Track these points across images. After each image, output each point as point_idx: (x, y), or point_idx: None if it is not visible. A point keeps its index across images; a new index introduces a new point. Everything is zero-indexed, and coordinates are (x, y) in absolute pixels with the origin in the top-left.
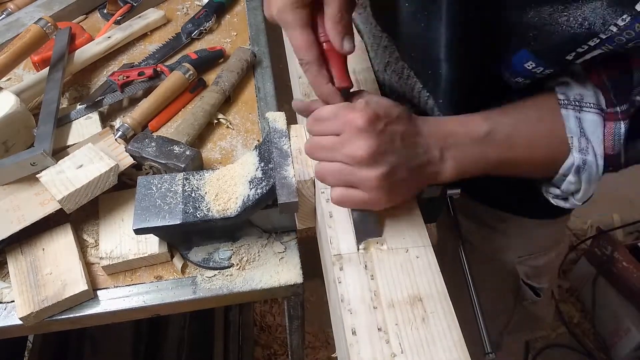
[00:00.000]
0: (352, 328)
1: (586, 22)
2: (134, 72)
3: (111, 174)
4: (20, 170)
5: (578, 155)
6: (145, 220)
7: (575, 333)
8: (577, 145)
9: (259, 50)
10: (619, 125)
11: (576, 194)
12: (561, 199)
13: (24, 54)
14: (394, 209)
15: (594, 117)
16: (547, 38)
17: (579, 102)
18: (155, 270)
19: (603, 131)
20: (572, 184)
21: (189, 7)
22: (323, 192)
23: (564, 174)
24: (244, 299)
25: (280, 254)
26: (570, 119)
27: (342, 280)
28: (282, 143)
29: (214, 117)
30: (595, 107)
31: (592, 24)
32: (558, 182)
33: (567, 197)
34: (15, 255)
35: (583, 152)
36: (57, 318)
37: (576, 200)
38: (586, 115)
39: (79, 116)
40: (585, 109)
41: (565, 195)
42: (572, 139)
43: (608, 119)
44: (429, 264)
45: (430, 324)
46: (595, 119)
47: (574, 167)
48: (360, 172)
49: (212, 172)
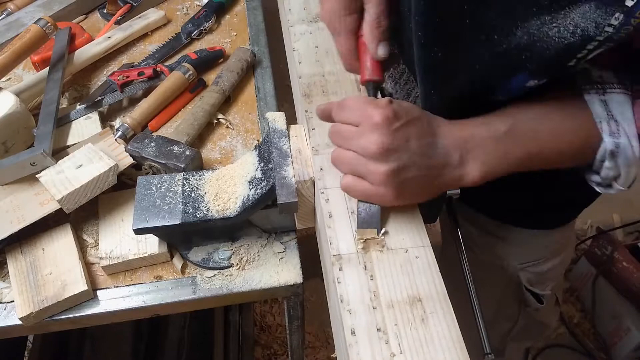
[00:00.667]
0: (352, 328)
1: (578, 29)
2: (134, 72)
3: (111, 174)
4: (20, 171)
5: (609, 139)
6: (145, 220)
7: (575, 333)
8: (607, 129)
9: (259, 50)
10: None
11: (618, 179)
12: (604, 185)
13: (23, 54)
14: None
15: (620, 97)
16: (542, 55)
17: (601, 84)
18: (155, 270)
19: (632, 110)
20: (610, 169)
21: (189, 7)
22: (322, 192)
23: (601, 160)
24: (244, 299)
25: (280, 254)
26: (595, 102)
27: (341, 280)
28: (282, 143)
29: (214, 117)
30: (619, 86)
31: (585, 30)
32: (597, 168)
33: (610, 183)
34: (15, 255)
35: (614, 136)
36: (57, 318)
37: (620, 185)
38: (611, 97)
39: (79, 116)
40: (609, 90)
41: (607, 181)
42: (601, 123)
43: (636, 97)
44: (429, 265)
45: (430, 324)
46: (621, 99)
47: (607, 152)
48: (370, 165)
49: (211, 172)
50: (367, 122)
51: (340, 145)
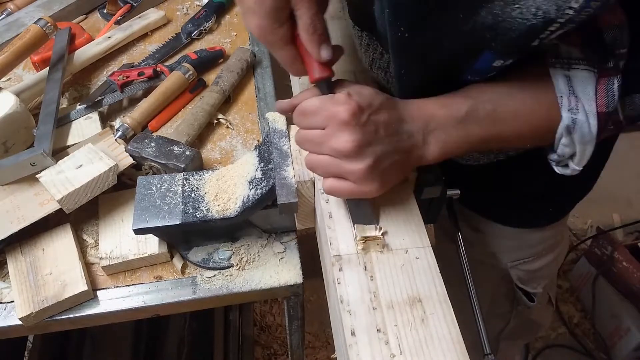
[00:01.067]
0: (351, 329)
1: (540, 11)
2: (134, 72)
3: (111, 174)
4: (20, 171)
5: (567, 114)
6: (145, 220)
7: (575, 333)
8: (567, 105)
9: (259, 50)
10: (612, 81)
11: (574, 157)
12: (562, 165)
13: (23, 54)
14: (394, 209)
15: (585, 74)
16: (505, 35)
17: (567, 59)
18: (155, 271)
19: (595, 88)
20: (567, 146)
21: (189, 7)
22: (322, 193)
23: (559, 138)
24: (244, 299)
25: (280, 254)
26: (559, 77)
27: (341, 281)
28: (282, 143)
29: (214, 117)
30: (585, 63)
31: (546, 12)
32: (556, 147)
33: (566, 162)
34: (15, 256)
35: (572, 112)
36: (57, 318)
37: (575, 164)
38: (576, 73)
39: (79, 116)
40: (574, 66)
41: (564, 160)
42: (562, 98)
43: (601, 75)
44: (429, 265)
45: (430, 325)
46: (586, 75)
47: (564, 128)
48: (347, 165)
49: (211, 172)
50: (333, 122)
51: (311, 151)
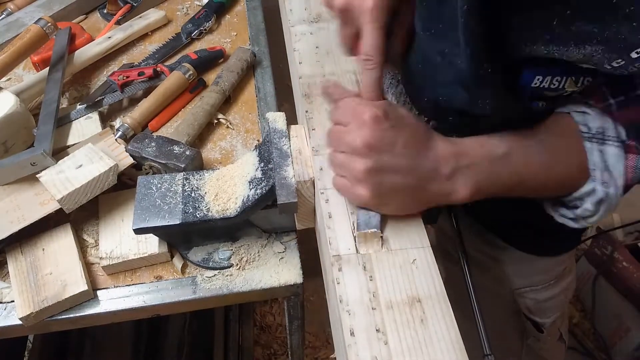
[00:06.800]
0: (351, 329)
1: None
2: (134, 72)
3: (111, 174)
4: (20, 170)
5: (601, 188)
6: (145, 220)
7: (575, 333)
8: (600, 178)
9: (259, 50)
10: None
11: (589, 218)
12: (570, 219)
13: (24, 54)
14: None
15: (616, 151)
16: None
17: (602, 134)
18: (155, 270)
19: (625, 164)
20: (589, 211)
21: (189, 7)
22: (322, 193)
23: (579, 198)
24: (244, 299)
25: (280, 254)
26: (594, 152)
27: (340, 281)
28: (282, 143)
29: (214, 117)
30: (617, 140)
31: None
32: (571, 205)
33: (578, 219)
34: (15, 255)
35: (606, 185)
36: (57, 318)
37: (588, 223)
38: (608, 149)
39: (79, 116)
40: (607, 142)
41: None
42: (595, 171)
43: (629, 152)
44: (428, 266)
45: (429, 325)
46: (617, 152)
47: (595, 199)
48: (350, 161)
49: (212, 172)
50: (355, 119)
51: (332, 147)
